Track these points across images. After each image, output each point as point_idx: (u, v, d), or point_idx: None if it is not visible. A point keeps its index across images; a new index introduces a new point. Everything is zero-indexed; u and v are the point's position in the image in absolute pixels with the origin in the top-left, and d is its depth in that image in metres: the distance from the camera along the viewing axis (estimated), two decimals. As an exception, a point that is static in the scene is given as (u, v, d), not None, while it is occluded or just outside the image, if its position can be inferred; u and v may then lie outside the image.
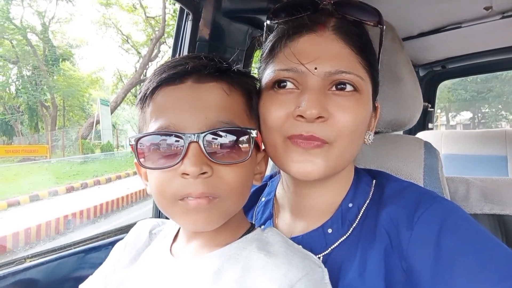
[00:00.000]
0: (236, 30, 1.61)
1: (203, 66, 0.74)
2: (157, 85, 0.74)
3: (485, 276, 0.68)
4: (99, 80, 28.12)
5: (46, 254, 1.20)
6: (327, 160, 0.80)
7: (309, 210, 0.94)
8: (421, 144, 1.27)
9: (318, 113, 0.76)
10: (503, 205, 1.30)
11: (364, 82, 0.82)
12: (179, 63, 0.75)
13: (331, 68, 0.79)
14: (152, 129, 0.73)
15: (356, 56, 0.82)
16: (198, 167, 0.68)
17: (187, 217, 0.72)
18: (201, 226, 0.73)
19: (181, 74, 0.74)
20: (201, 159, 0.69)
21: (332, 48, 0.81)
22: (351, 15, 0.84)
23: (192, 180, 0.69)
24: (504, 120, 29.72)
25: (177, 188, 0.70)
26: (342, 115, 0.79)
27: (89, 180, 12.31)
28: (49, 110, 22.06)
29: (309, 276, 0.69)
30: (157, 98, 0.75)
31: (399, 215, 0.81)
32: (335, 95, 0.80)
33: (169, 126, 0.71)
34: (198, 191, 0.69)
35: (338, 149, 0.81)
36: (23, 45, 20.87)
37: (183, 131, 0.70)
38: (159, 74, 0.75)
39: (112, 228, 1.41)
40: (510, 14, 2.02)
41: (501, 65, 3.16)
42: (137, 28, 24.72)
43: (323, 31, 0.82)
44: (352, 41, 0.82)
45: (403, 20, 2.16)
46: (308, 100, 0.77)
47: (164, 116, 0.72)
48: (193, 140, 0.69)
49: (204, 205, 0.70)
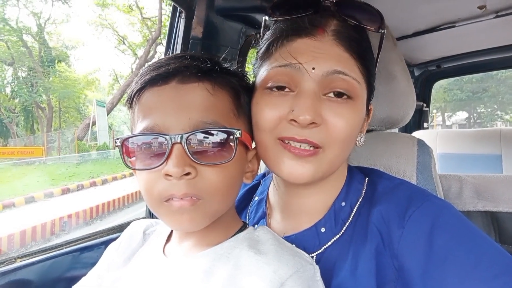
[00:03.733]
0: (230, 29, 1.60)
1: (185, 67, 0.74)
2: (142, 86, 0.75)
3: (476, 275, 0.68)
4: (95, 81, 28.11)
5: (37, 254, 1.19)
6: (318, 165, 0.80)
7: (301, 209, 0.93)
8: (414, 141, 1.28)
9: (312, 119, 0.75)
10: (496, 202, 1.31)
11: (360, 87, 0.81)
12: (163, 64, 0.75)
13: (328, 68, 0.78)
14: (139, 130, 0.73)
15: (355, 61, 0.81)
16: (180, 168, 0.67)
17: (172, 218, 0.72)
18: (186, 227, 0.73)
19: (164, 76, 0.73)
20: (184, 160, 0.68)
21: (331, 51, 0.79)
22: (353, 17, 0.82)
23: (176, 181, 0.69)
24: (500, 120, 29.91)
25: (161, 189, 0.70)
26: (336, 121, 0.78)
27: (85, 181, 12.26)
28: (45, 111, 22.00)
29: (300, 273, 0.69)
30: (143, 99, 0.75)
31: (390, 213, 0.81)
32: (329, 101, 0.79)
33: (154, 127, 0.71)
34: (181, 192, 0.69)
35: (330, 155, 0.80)
36: (19, 46, 20.83)
37: (167, 132, 0.70)
38: (143, 76, 0.75)
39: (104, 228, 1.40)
40: (504, 13, 2.03)
41: (496, 65, 3.17)
42: (133, 29, 24.71)
43: (322, 35, 0.80)
44: (352, 47, 0.81)
45: (398, 19, 2.16)
46: (302, 105, 0.76)
47: (149, 117, 0.72)
48: (176, 141, 0.68)
49: (187, 206, 0.70)
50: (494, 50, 2.72)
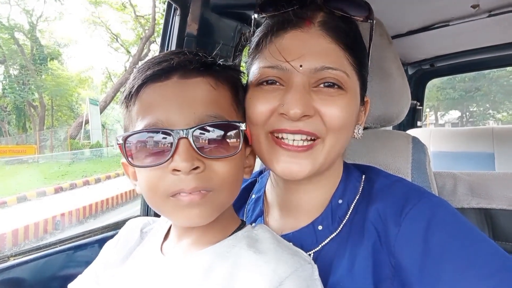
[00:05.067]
0: (225, 26, 1.60)
1: (188, 62, 0.73)
2: (143, 82, 0.73)
3: (472, 272, 0.69)
4: (88, 79, 27.86)
5: (31, 253, 1.17)
6: (314, 160, 0.80)
7: (298, 206, 0.93)
8: (409, 139, 1.28)
9: (302, 112, 0.76)
10: (490, 199, 1.32)
11: (349, 79, 0.81)
12: (163, 59, 0.74)
13: (316, 65, 0.78)
14: (139, 127, 0.72)
15: (344, 52, 0.81)
16: (189, 163, 0.67)
17: (180, 213, 0.72)
18: (195, 221, 0.72)
19: (166, 70, 0.73)
20: (192, 155, 0.68)
21: (318, 44, 0.80)
22: (340, 9, 0.83)
23: (184, 176, 0.68)
24: (492, 118, 30.18)
25: (168, 185, 0.69)
26: (328, 110, 0.79)
27: (78, 180, 12.18)
28: (37, 109, 21.80)
29: (299, 272, 0.69)
30: (143, 95, 0.74)
31: (387, 210, 0.81)
32: (320, 92, 0.79)
33: (157, 123, 0.70)
34: (190, 186, 0.68)
35: (328, 144, 0.81)
36: (10, 44, 20.58)
37: (171, 127, 0.69)
38: (143, 71, 0.74)
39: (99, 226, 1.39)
40: (497, 12, 2.05)
41: (488, 63, 3.20)
42: (126, 27, 24.55)
43: (309, 27, 0.81)
44: (339, 37, 0.81)
45: (392, 18, 2.17)
46: (291, 99, 0.77)
47: (151, 114, 0.71)
48: (182, 136, 0.68)
49: (197, 200, 0.69)
50: (487, 49, 2.75)
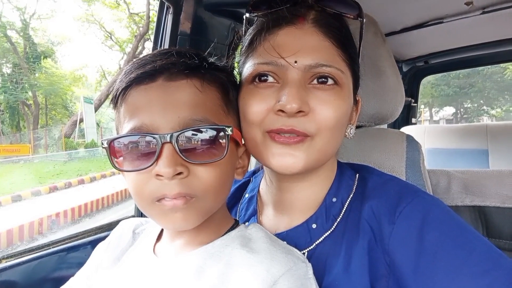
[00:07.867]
0: (219, 24, 1.59)
1: (172, 64, 0.72)
2: (127, 85, 0.72)
3: (466, 270, 0.69)
4: (82, 78, 27.70)
5: (23, 254, 1.16)
6: (307, 153, 0.80)
7: (292, 205, 0.93)
8: (403, 137, 1.28)
9: (299, 107, 0.75)
10: (484, 196, 1.32)
11: (344, 76, 0.82)
12: (148, 61, 0.73)
13: (311, 61, 0.78)
14: (126, 130, 0.71)
15: (336, 49, 0.82)
16: (172, 168, 0.66)
17: (165, 218, 0.71)
18: (179, 225, 0.71)
19: (150, 73, 0.71)
20: (175, 160, 0.67)
21: (312, 41, 0.80)
22: (330, 7, 0.84)
23: (167, 181, 0.67)
24: (486, 114, 30.39)
25: (153, 189, 0.69)
26: (322, 109, 0.78)
27: (73, 179, 12.12)
28: (31, 108, 21.64)
29: (292, 271, 0.68)
30: (129, 98, 0.73)
31: (381, 209, 0.81)
32: (315, 89, 0.79)
33: (142, 126, 0.69)
34: (173, 191, 0.68)
35: (319, 143, 0.80)
36: (3, 42, 20.41)
37: (156, 131, 0.68)
38: (128, 74, 0.73)
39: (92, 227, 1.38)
40: (491, 9, 2.05)
41: (482, 60, 3.21)
42: (120, 24, 24.41)
43: (302, 23, 0.81)
44: (332, 34, 0.82)
45: (386, 15, 2.17)
46: (288, 94, 0.76)
47: (136, 117, 0.70)
48: (166, 141, 0.67)
49: (180, 205, 0.69)
50: (481, 46, 2.75)
